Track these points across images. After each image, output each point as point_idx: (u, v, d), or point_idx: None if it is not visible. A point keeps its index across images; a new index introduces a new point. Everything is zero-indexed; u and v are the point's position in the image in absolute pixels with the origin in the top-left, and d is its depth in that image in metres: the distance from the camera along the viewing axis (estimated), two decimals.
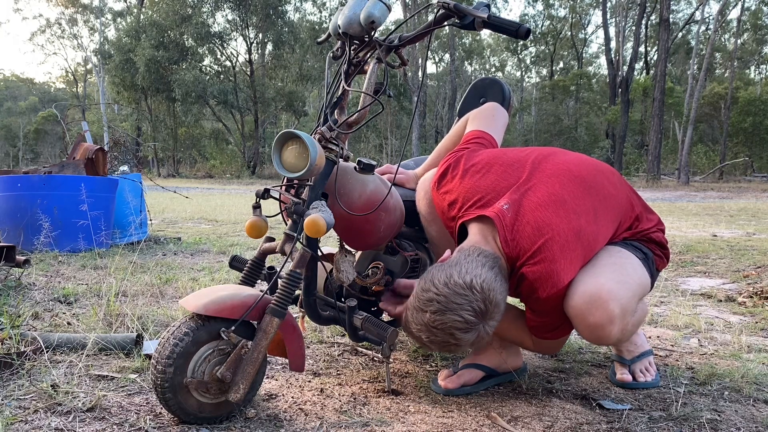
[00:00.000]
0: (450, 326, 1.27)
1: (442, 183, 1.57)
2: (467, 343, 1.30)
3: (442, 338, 1.29)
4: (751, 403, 1.57)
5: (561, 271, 1.33)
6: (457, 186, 1.52)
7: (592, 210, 1.42)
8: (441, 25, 1.54)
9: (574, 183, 1.45)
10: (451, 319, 1.27)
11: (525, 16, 41.55)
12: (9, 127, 45.05)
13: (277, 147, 1.37)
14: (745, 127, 30.37)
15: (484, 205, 1.45)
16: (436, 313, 1.28)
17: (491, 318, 1.30)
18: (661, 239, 1.55)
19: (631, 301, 1.37)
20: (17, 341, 1.80)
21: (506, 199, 1.42)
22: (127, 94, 31.26)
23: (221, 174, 30.46)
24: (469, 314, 1.26)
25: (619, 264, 1.41)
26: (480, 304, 1.27)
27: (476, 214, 1.45)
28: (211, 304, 1.28)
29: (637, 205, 1.55)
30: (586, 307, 1.31)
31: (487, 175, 1.50)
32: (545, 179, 1.45)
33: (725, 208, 10.06)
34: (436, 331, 1.29)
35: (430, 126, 37.78)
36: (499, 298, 1.30)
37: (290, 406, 1.48)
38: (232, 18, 31.33)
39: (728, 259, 4.15)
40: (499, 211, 1.40)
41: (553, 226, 1.36)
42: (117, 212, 4.43)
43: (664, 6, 21.95)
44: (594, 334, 1.34)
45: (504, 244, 1.38)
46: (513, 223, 1.38)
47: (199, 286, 2.91)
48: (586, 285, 1.32)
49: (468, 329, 1.27)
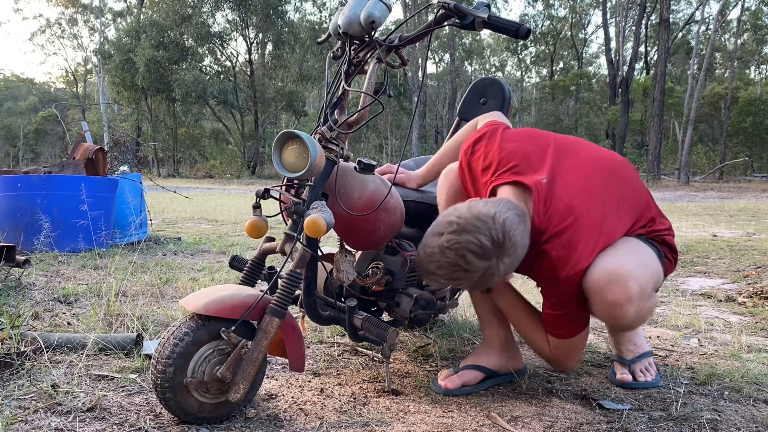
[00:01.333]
0: (464, 247, 1.26)
1: (477, 148, 1.56)
2: (476, 271, 1.27)
3: (453, 259, 1.27)
4: (751, 403, 1.57)
5: (582, 254, 1.34)
6: (493, 150, 1.51)
7: (617, 199, 1.43)
8: (441, 25, 1.54)
9: (604, 171, 1.47)
10: (467, 239, 1.25)
11: (525, 16, 41.55)
12: (9, 127, 45.03)
13: (277, 147, 1.37)
14: (745, 127, 30.36)
15: (519, 172, 1.45)
16: (453, 233, 1.27)
17: (506, 254, 1.28)
18: (672, 243, 1.55)
19: (648, 285, 1.37)
20: (17, 341, 1.80)
21: (545, 173, 1.43)
22: (127, 94, 31.25)
23: (221, 174, 30.46)
24: (486, 239, 1.25)
25: (638, 251, 1.42)
26: (499, 233, 1.26)
27: (511, 179, 1.44)
28: (211, 304, 1.28)
29: (653, 206, 1.55)
30: (605, 282, 1.31)
31: (525, 144, 1.50)
32: (580, 162, 1.47)
33: (725, 208, 10.06)
34: (448, 252, 1.27)
35: (430, 126, 37.77)
36: (518, 239, 1.29)
37: (290, 406, 1.48)
38: (232, 18, 31.33)
39: (728, 259, 4.15)
40: (538, 183, 1.40)
41: (582, 209, 1.37)
42: (117, 212, 4.42)
43: (664, 6, 21.94)
44: (610, 313, 1.33)
45: (536, 215, 1.38)
46: (547, 197, 1.39)
47: (199, 286, 2.91)
48: (607, 262, 1.33)
49: (481, 255, 1.26)
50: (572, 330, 1.44)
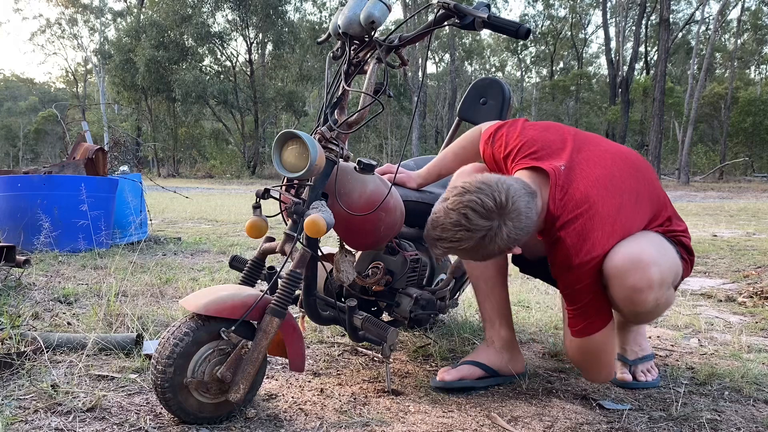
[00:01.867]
0: (466, 206, 1.28)
1: (497, 137, 1.57)
2: (478, 231, 1.28)
3: (455, 219, 1.28)
4: (751, 403, 1.57)
5: (596, 241, 1.34)
6: (514, 137, 1.52)
7: (635, 192, 1.43)
8: (441, 25, 1.54)
9: (624, 162, 1.47)
10: (470, 198, 1.28)
11: (525, 16, 41.56)
12: (9, 127, 45.03)
13: (277, 147, 1.37)
14: (745, 127, 30.37)
15: (539, 158, 1.45)
16: (457, 195, 1.29)
17: (509, 218, 1.29)
18: (689, 245, 1.54)
19: (668, 275, 1.36)
20: (17, 341, 1.80)
21: (564, 161, 1.43)
22: (127, 94, 31.26)
23: (221, 174, 30.47)
24: (488, 199, 1.27)
25: (659, 243, 1.41)
26: (502, 196, 1.28)
27: (530, 164, 1.45)
28: (211, 304, 1.28)
29: (669, 206, 1.55)
30: (627, 267, 1.30)
31: (546, 133, 1.51)
32: (599, 153, 1.47)
33: (725, 208, 10.06)
34: (451, 213, 1.29)
35: (430, 126, 37.77)
36: (522, 207, 1.30)
37: (290, 406, 1.48)
38: (232, 18, 31.35)
39: (728, 259, 4.15)
40: (556, 168, 1.41)
41: (597, 198, 1.37)
42: (117, 212, 4.42)
43: (664, 6, 21.94)
44: (630, 298, 1.32)
45: (552, 201, 1.38)
46: (564, 184, 1.39)
47: (199, 286, 2.91)
48: (628, 248, 1.32)
49: (483, 214, 1.27)
50: (591, 324, 1.39)
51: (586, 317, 1.39)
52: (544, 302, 2.79)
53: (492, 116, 2.05)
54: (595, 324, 1.39)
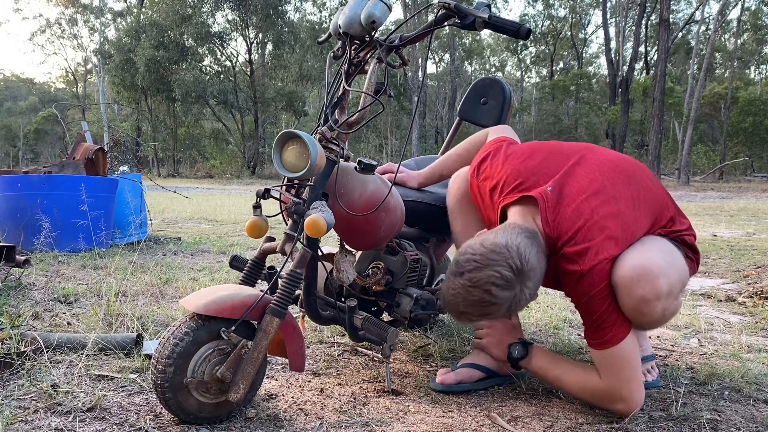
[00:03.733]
0: (486, 281, 1.27)
1: (482, 169, 1.57)
2: (504, 302, 1.29)
3: (479, 296, 1.28)
4: (751, 403, 1.57)
5: (600, 245, 1.34)
6: (498, 170, 1.52)
7: (631, 198, 1.43)
8: (441, 25, 1.54)
9: (615, 172, 1.46)
10: (488, 274, 1.27)
11: (525, 16, 41.55)
12: (9, 127, 45.02)
13: (277, 147, 1.37)
14: (745, 127, 30.38)
15: (525, 189, 1.46)
16: (473, 271, 1.28)
17: (528, 279, 1.29)
18: (693, 243, 1.54)
19: (677, 284, 1.36)
20: (17, 341, 1.80)
21: (551, 183, 1.44)
22: (127, 94, 31.25)
23: (221, 174, 30.45)
24: (505, 270, 1.27)
25: (667, 250, 1.41)
26: (516, 261, 1.27)
27: (518, 196, 1.45)
28: (211, 304, 1.28)
29: (671, 206, 1.55)
30: (635, 278, 1.30)
31: (529, 161, 1.51)
32: (588, 167, 1.47)
33: (725, 208, 10.06)
34: (472, 290, 1.28)
35: (430, 126, 37.76)
36: (534, 263, 1.30)
37: (290, 406, 1.48)
38: (232, 18, 31.33)
39: (728, 259, 4.15)
40: (543, 192, 1.42)
41: (589, 209, 1.37)
42: (117, 212, 4.42)
43: (664, 6, 21.93)
44: (638, 308, 1.32)
45: (545, 224, 1.39)
46: (555, 205, 1.40)
47: (199, 286, 2.91)
48: (636, 258, 1.32)
49: (505, 286, 1.27)
50: (615, 333, 1.36)
51: (609, 325, 1.37)
52: (544, 302, 2.79)
53: (492, 116, 2.05)
54: (620, 331, 1.37)
